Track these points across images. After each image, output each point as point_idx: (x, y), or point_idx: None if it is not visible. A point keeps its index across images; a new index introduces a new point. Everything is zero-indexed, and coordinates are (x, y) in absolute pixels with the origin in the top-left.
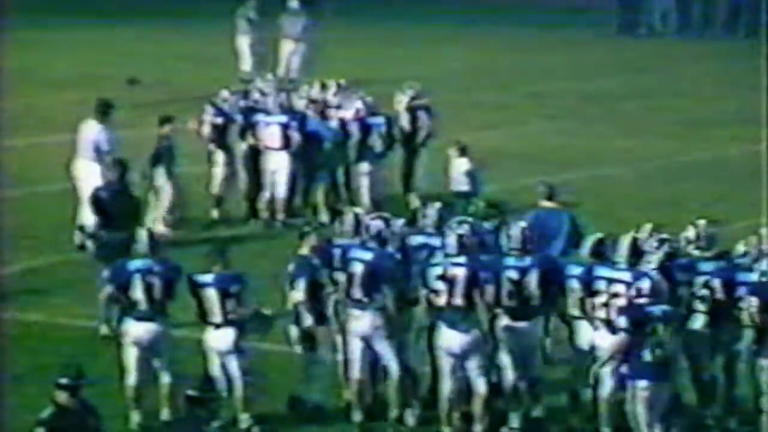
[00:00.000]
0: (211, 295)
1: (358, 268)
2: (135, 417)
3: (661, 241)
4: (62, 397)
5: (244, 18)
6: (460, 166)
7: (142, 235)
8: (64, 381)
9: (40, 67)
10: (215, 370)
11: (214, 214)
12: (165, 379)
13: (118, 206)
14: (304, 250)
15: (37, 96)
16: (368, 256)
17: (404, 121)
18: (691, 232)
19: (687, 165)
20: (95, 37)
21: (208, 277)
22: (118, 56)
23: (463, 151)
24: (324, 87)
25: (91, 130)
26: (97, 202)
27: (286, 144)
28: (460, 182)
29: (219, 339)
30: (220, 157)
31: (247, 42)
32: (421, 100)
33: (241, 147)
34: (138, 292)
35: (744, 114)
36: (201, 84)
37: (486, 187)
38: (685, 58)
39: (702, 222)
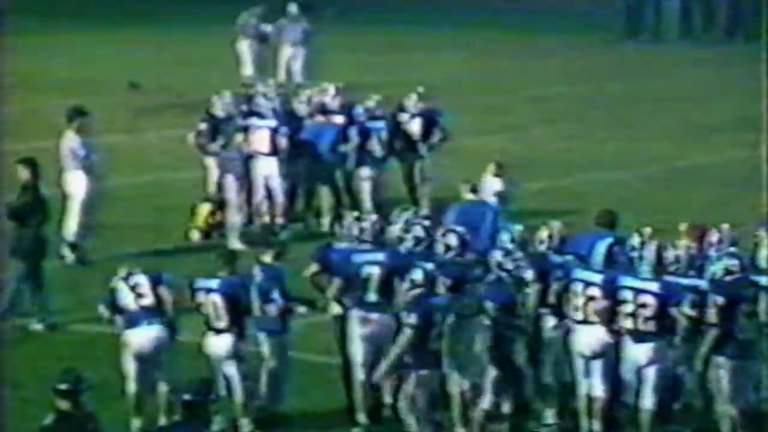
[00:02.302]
0: (216, 300)
1: (375, 270)
2: (136, 423)
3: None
4: (62, 403)
5: (246, 23)
6: (493, 185)
7: None
8: (63, 387)
9: (41, 71)
10: (213, 374)
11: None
12: (162, 387)
13: (28, 205)
14: (267, 258)
15: (39, 100)
16: (381, 257)
17: (407, 126)
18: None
19: (687, 169)
20: (96, 42)
21: (213, 283)
22: (119, 61)
23: (499, 170)
24: (323, 91)
25: (66, 140)
26: (13, 206)
27: (275, 149)
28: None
29: (218, 345)
30: (214, 162)
31: (248, 47)
32: (423, 106)
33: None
34: (128, 298)
35: (744, 119)
36: (202, 88)
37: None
38: (686, 63)
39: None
